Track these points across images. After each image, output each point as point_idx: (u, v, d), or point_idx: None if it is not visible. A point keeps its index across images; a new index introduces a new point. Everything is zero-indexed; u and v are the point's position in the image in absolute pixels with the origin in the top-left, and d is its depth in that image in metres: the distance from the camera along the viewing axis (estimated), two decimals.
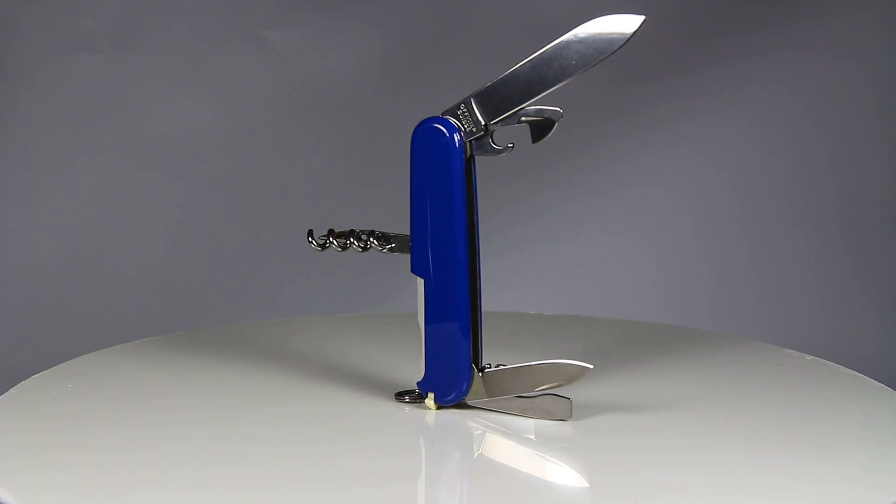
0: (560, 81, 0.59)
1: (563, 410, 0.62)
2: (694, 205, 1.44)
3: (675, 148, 1.43)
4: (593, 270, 1.44)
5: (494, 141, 0.62)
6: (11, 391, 0.68)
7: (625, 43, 0.57)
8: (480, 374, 0.63)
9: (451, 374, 0.63)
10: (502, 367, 0.63)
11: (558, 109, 0.60)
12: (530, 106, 0.61)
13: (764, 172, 1.43)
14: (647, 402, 0.68)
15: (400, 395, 0.66)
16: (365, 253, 0.66)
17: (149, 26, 1.37)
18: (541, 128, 0.61)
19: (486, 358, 0.64)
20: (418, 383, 0.64)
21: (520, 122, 0.61)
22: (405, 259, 0.64)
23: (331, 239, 0.66)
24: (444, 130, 0.61)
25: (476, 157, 0.62)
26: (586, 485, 0.56)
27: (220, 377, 0.72)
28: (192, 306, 1.39)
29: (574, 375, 0.61)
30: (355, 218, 1.44)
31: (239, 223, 1.41)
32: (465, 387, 0.63)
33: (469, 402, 0.64)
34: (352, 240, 0.65)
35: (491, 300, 1.32)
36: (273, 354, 0.78)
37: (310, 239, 0.66)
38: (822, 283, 1.43)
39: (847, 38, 1.38)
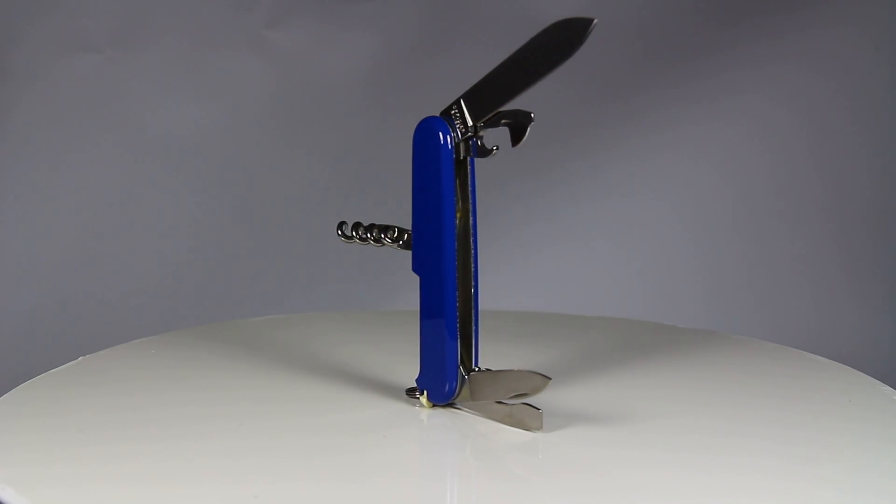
0: (529, 85, 0.59)
1: (533, 421, 0.60)
2: (688, 209, 1.44)
3: (669, 154, 1.43)
4: (588, 273, 1.44)
5: (484, 142, 0.62)
6: (12, 391, 0.68)
7: (580, 45, 0.57)
8: (466, 376, 0.63)
9: (439, 374, 0.63)
10: (481, 372, 0.63)
11: (529, 112, 0.60)
12: (506, 109, 0.61)
13: (756, 177, 1.44)
14: (644, 401, 0.68)
15: (410, 392, 0.66)
16: (370, 251, 0.67)
17: (149, 26, 1.37)
18: (517, 131, 0.61)
19: (489, 359, 0.64)
20: (416, 380, 0.65)
21: (500, 124, 0.61)
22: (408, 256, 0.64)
23: (355, 233, 0.66)
24: (436, 130, 0.61)
25: (474, 157, 0.62)
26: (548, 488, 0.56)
27: (219, 375, 0.73)
28: (193, 305, 1.39)
29: (537, 386, 0.60)
30: (354, 217, 1.45)
31: (239, 222, 1.42)
32: (451, 387, 0.63)
33: (457, 404, 0.64)
34: (369, 234, 0.65)
35: (494, 300, 1.32)
36: (272, 351, 0.78)
37: (339, 231, 0.66)
38: (813, 284, 1.44)
39: (835, 51, 1.40)
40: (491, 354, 0.65)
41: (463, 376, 0.63)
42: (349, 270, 1.42)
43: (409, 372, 0.66)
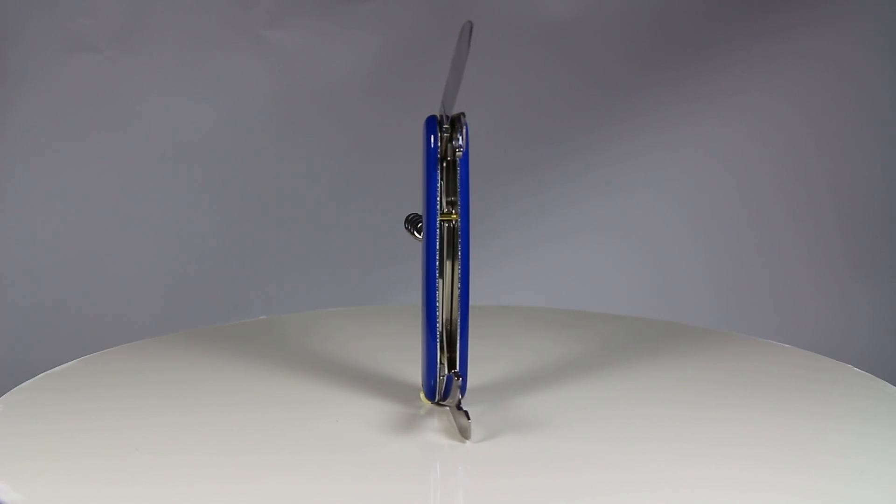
0: (457, 84, 0.60)
1: (465, 431, 0.60)
2: (691, 207, 1.45)
3: (673, 152, 1.44)
4: (590, 272, 1.45)
5: (460, 144, 0.61)
6: (12, 391, 0.68)
7: (468, 47, 0.58)
8: (442, 377, 0.63)
9: (425, 372, 0.64)
10: (448, 375, 0.63)
11: (460, 114, 0.60)
12: (458, 111, 0.61)
13: (760, 174, 1.44)
14: (647, 397, 0.68)
15: None
16: (372, 247, 0.66)
17: (149, 26, 1.37)
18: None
19: (500, 355, 0.63)
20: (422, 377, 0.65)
21: (461, 125, 0.61)
22: (408, 254, 0.63)
23: (411, 226, 0.65)
24: (426, 130, 0.61)
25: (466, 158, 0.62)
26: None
27: (219, 376, 0.73)
28: (192, 305, 1.39)
29: (452, 394, 0.61)
30: (353, 216, 1.45)
31: (238, 222, 1.42)
32: (431, 385, 0.63)
33: (441, 404, 0.64)
34: (412, 228, 0.65)
35: (495, 297, 1.32)
36: (271, 352, 0.78)
37: (407, 226, 0.65)
38: (821, 281, 1.44)
39: (838, 49, 1.41)
40: (496, 351, 0.65)
41: (442, 376, 0.63)
42: (350, 268, 1.42)
43: (409, 369, 0.66)
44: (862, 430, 0.63)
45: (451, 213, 0.61)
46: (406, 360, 0.71)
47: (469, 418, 0.59)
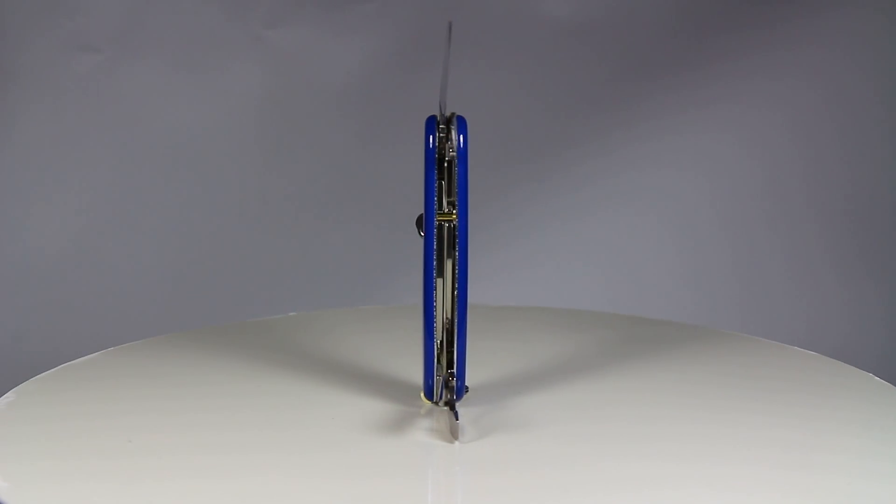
0: (445, 81, 0.60)
1: (453, 431, 0.60)
2: (683, 212, 1.45)
3: (662, 160, 1.44)
4: (585, 275, 1.45)
5: (452, 144, 0.62)
6: (13, 390, 0.68)
7: (449, 45, 0.59)
8: (440, 377, 0.63)
9: (424, 372, 0.64)
10: (442, 376, 0.63)
11: (452, 114, 0.61)
12: (450, 112, 0.61)
13: (746, 181, 1.45)
14: (645, 398, 0.68)
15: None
16: (370, 248, 0.66)
17: (149, 26, 1.37)
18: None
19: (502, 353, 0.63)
20: None
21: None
22: (408, 254, 0.64)
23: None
24: (424, 129, 0.62)
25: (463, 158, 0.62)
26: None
27: (218, 377, 0.73)
28: (193, 305, 1.40)
29: (447, 396, 0.61)
30: (353, 215, 1.45)
31: (238, 221, 1.42)
32: (429, 384, 0.63)
33: (439, 404, 0.65)
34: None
35: (495, 294, 1.32)
36: (273, 351, 0.78)
37: (417, 225, 0.66)
38: (804, 282, 1.45)
39: (820, 63, 1.41)
40: (496, 352, 0.64)
41: (439, 376, 0.63)
42: (350, 268, 1.42)
43: (413, 369, 0.66)
44: (862, 432, 0.63)
45: (451, 213, 0.62)
46: (412, 360, 0.72)
47: (458, 418, 0.59)
